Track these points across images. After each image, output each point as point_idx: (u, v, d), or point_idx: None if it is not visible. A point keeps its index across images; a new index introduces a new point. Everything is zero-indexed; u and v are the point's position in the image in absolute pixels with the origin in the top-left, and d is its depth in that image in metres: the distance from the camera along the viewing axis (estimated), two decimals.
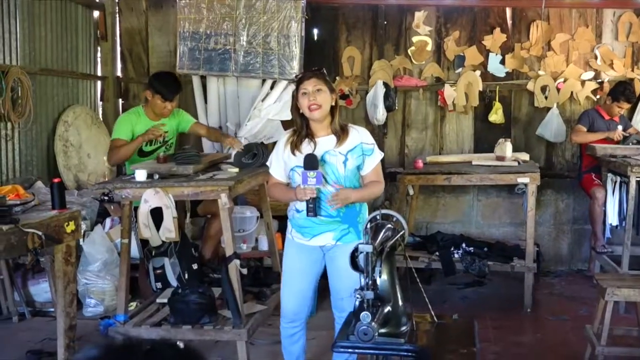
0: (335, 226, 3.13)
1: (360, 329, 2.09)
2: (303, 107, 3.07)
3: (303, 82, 3.08)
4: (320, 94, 3.05)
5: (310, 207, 3.01)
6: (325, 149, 3.08)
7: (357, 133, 3.16)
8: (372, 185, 3.21)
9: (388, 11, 6.34)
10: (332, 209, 3.03)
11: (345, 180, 3.11)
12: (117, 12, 6.49)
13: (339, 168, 3.09)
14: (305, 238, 3.17)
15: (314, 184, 2.97)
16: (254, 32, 5.67)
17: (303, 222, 3.14)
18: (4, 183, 4.98)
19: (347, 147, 3.10)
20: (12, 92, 5.02)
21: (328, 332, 4.47)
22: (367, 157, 3.16)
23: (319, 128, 3.12)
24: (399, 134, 6.46)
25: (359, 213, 3.20)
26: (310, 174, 2.96)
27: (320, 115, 3.05)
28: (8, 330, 4.56)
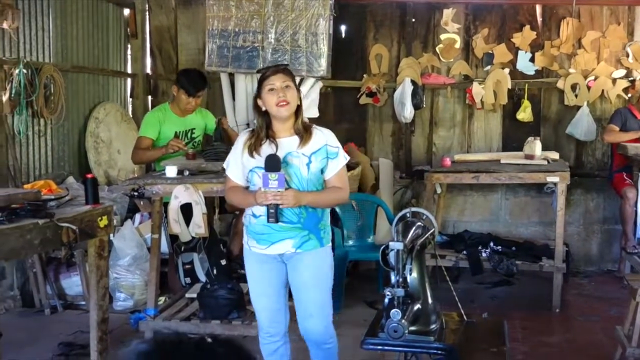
0: (295, 233, 2.90)
1: (390, 326, 2.10)
2: (269, 104, 2.85)
3: (269, 77, 2.86)
4: (289, 90, 2.85)
5: (271, 213, 2.77)
6: (287, 150, 2.88)
7: (321, 134, 2.94)
8: (332, 191, 2.95)
9: (416, 8, 6.32)
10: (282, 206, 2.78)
11: (308, 184, 2.89)
12: (147, 9, 6.56)
13: (302, 170, 2.88)
14: (262, 246, 2.93)
15: (275, 187, 2.73)
16: (282, 30, 5.69)
17: (260, 229, 2.90)
18: (36, 178, 5.08)
19: (311, 149, 2.89)
20: (44, 89, 5.11)
21: (354, 328, 4.48)
22: (330, 160, 2.93)
23: (282, 128, 2.91)
24: (426, 132, 6.44)
25: (321, 219, 2.97)
26: (272, 176, 2.73)
27: (289, 112, 2.86)
28: (41, 322, 4.65)
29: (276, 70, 2.90)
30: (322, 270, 2.98)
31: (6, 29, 4.77)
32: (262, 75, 2.91)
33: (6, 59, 4.83)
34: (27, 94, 4.92)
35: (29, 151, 5.16)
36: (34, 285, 4.84)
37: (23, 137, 5.02)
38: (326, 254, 3.00)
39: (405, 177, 6.37)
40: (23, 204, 2.79)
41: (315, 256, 2.94)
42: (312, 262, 2.93)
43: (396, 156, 6.47)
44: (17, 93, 4.84)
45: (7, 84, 4.79)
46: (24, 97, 4.88)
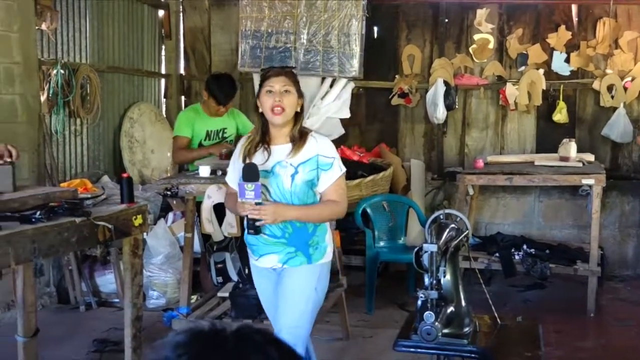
0: (280, 248, 2.72)
1: (423, 329, 2.09)
2: (264, 107, 2.67)
3: (270, 78, 2.67)
4: (287, 96, 2.64)
5: (250, 224, 2.62)
6: (277, 159, 2.69)
7: (314, 143, 2.69)
8: (326, 205, 2.73)
9: (449, 9, 6.27)
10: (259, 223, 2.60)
11: (292, 197, 2.67)
12: (181, 11, 6.63)
13: (285, 182, 2.67)
14: (254, 257, 2.84)
15: (252, 198, 2.56)
16: (314, 30, 5.70)
17: (251, 239, 2.79)
18: (72, 177, 5.17)
19: (299, 159, 2.67)
20: (81, 89, 5.20)
21: (385, 330, 4.48)
22: (323, 172, 2.69)
23: (278, 134, 2.72)
24: (458, 133, 6.39)
25: (312, 235, 2.73)
26: (248, 187, 2.55)
27: (282, 121, 2.65)
28: (76, 318, 4.73)
29: (279, 71, 2.71)
30: (304, 287, 2.73)
31: (45, 30, 4.87)
32: (264, 74, 2.73)
33: (45, 60, 4.92)
34: (65, 94, 5.01)
35: (66, 150, 5.25)
36: (70, 282, 4.93)
37: (60, 137, 5.12)
38: (314, 271, 2.75)
39: (437, 179, 6.34)
40: (61, 202, 2.84)
41: (301, 271, 2.73)
42: (296, 276, 2.74)
43: (428, 157, 6.43)
44: (54, 93, 4.93)
45: (45, 84, 4.88)
46: (61, 97, 4.98)
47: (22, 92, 4.68)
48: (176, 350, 0.83)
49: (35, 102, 4.80)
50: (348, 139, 6.29)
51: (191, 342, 0.84)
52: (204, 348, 0.83)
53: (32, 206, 2.76)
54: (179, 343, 0.84)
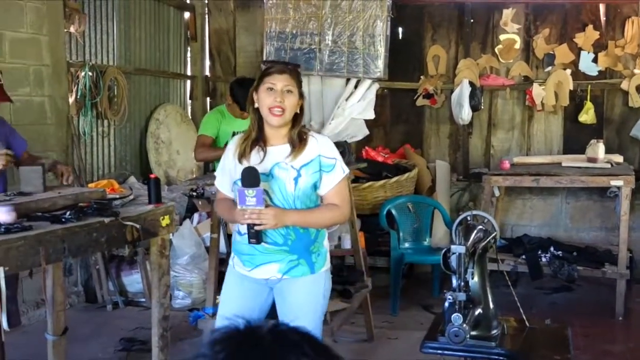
0: (281, 256, 2.52)
1: (451, 331, 2.07)
2: (262, 105, 2.48)
3: (272, 75, 2.49)
4: (289, 96, 2.47)
5: (251, 233, 2.42)
6: (275, 161, 2.50)
7: (315, 143, 2.53)
8: (327, 209, 2.55)
9: (475, 9, 6.23)
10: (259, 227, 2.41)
11: (295, 201, 2.50)
12: (206, 13, 6.68)
13: (288, 186, 2.48)
14: (246, 268, 2.58)
15: (253, 205, 2.36)
16: (339, 32, 5.70)
17: (245, 249, 2.55)
18: (100, 178, 5.23)
19: (301, 161, 2.50)
20: (108, 91, 5.26)
21: (410, 332, 4.46)
22: (325, 174, 2.52)
23: (274, 135, 2.54)
24: (484, 134, 6.35)
25: (314, 242, 2.56)
26: (249, 192, 2.35)
27: (280, 123, 2.48)
28: (103, 317, 4.79)
29: (282, 69, 2.53)
30: (312, 300, 2.57)
31: (73, 32, 4.94)
32: (266, 69, 2.55)
33: (73, 62, 4.99)
34: (92, 96, 5.07)
35: (93, 151, 5.32)
36: (97, 281, 4.99)
37: (88, 138, 5.19)
38: (318, 281, 2.59)
39: (462, 180, 6.30)
40: (90, 202, 2.88)
41: (305, 283, 2.55)
42: (301, 289, 2.54)
43: (453, 158, 6.39)
44: (82, 95, 5.00)
45: (73, 86, 4.95)
46: (89, 99, 5.04)
47: (51, 94, 4.75)
48: (213, 347, 0.84)
49: (64, 104, 4.87)
50: (373, 140, 6.29)
51: (228, 340, 0.85)
52: (240, 345, 0.84)
53: (62, 206, 2.80)
54: (216, 340, 0.85)
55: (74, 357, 3.73)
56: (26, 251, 2.31)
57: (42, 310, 4.61)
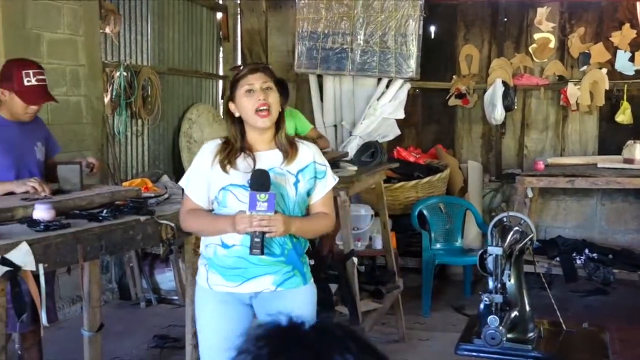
0: (277, 268, 2.35)
1: (487, 333, 2.05)
2: (245, 109, 2.31)
3: (246, 76, 2.32)
4: (270, 93, 2.32)
5: (255, 243, 2.17)
6: (268, 166, 2.33)
7: (308, 150, 2.42)
8: (320, 217, 2.43)
9: (508, 8, 6.17)
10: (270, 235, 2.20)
11: (295, 208, 2.36)
12: (238, 13, 6.71)
13: (290, 191, 2.35)
14: (233, 283, 2.35)
15: (264, 210, 2.16)
16: (371, 31, 5.70)
17: (233, 262, 2.34)
18: (133, 176, 5.29)
19: (297, 166, 2.37)
20: (142, 90, 5.32)
21: (442, 333, 4.43)
22: (318, 180, 2.41)
23: (259, 140, 2.37)
24: (517, 134, 6.27)
25: (303, 250, 2.45)
26: (261, 197, 2.16)
27: (269, 122, 2.33)
28: (137, 315, 4.85)
29: (255, 68, 2.36)
30: (309, 311, 2.43)
31: (109, 33, 5.01)
32: (237, 74, 2.39)
33: (108, 62, 5.06)
34: (127, 95, 5.14)
35: (127, 150, 5.39)
36: (131, 279, 5.05)
37: (122, 137, 5.25)
38: (311, 292, 2.47)
39: (495, 181, 6.24)
40: (126, 201, 2.91)
41: (298, 296, 2.39)
42: (296, 301, 2.37)
43: (485, 159, 6.33)
44: (117, 95, 5.07)
45: (108, 86, 5.02)
46: (123, 98, 5.11)
47: (87, 93, 4.82)
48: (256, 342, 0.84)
49: (99, 104, 4.94)
50: (404, 140, 6.26)
51: (271, 335, 0.85)
52: (284, 341, 0.84)
53: (99, 204, 2.83)
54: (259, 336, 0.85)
55: (108, 353, 3.78)
56: (64, 248, 2.34)
57: (77, 307, 4.68)
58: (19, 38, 4.23)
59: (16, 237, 2.21)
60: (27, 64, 3.03)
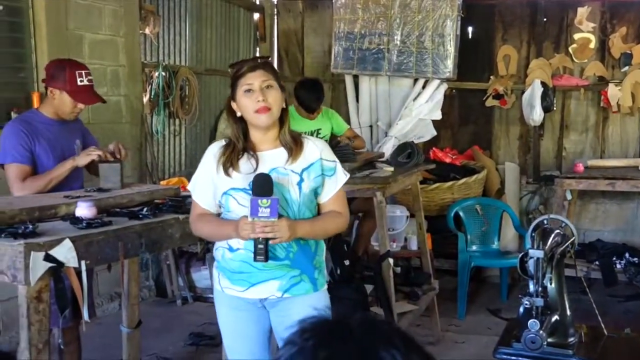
0: (282, 272, 2.26)
1: (527, 337, 2.03)
2: (245, 109, 2.24)
3: (245, 75, 2.24)
4: (270, 92, 2.23)
5: (259, 249, 2.12)
6: (272, 166, 2.25)
7: (314, 146, 2.31)
8: (331, 217, 2.32)
9: (548, 7, 6.08)
10: (274, 241, 2.13)
11: (300, 210, 2.26)
12: (275, 14, 6.74)
13: (293, 192, 2.25)
14: (240, 287, 2.30)
15: (267, 216, 2.09)
16: (408, 31, 5.67)
17: (237, 266, 2.28)
18: (170, 175, 5.35)
19: (301, 164, 2.27)
20: (180, 90, 5.38)
21: (478, 336, 4.39)
22: (327, 178, 2.31)
23: (263, 139, 2.29)
24: (556, 135, 6.18)
25: (315, 254, 2.32)
26: (263, 202, 2.09)
27: (270, 120, 2.24)
28: (173, 312, 4.91)
29: (254, 66, 2.26)
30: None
31: (148, 34, 5.08)
32: (236, 71, 2.29)
33: (147, 63, 5.13)
34: (165, 95, 5.20)
35: (165, 150, 5.45)
36: (167, 277, 5.11)
37: (160, 137, 5.32)
38: (321, 299, 2.34)
39: (533, 183, 6.15)
40: (165, 199, 2.95)
41: (307, 302, 2.27)
42: (304, 309, 2.22)
43: (523, 160, 6.25)
44: (156, 94, 5.13)
45: (147, 86, 5.09)
46: (162, 98, 5.17)
47: (127, 93, 4.90)
48: (302, 335, 0.84)
49: (139, 103, 5.01)
50: (440, 141, 6.22)
51: (317, 328, 0.85)
52: (330, 334, 0.84)
53: (139, 203, 2.87)
54: (305, 329, 0.85)
55: (145, 349, 3.83)
56: (106, 246, 2.38)
57: (116, 303, 4.76)
58: (62, 39, 4.31)
59: (59, 234, 2.25)
60: (78, 64, 3.08)
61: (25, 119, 3.03)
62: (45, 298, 2.17)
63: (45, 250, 2.12)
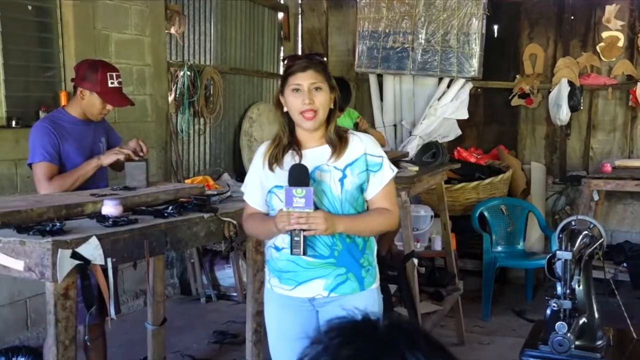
0: (327, 271, 2.23)
1: (555, 340, 2.00)
2: (291, 108, 2.21)
3: (295, 74, 2.19)
4: (318, 94, 2.18)
5: (296, 242, 2.09)
6: (315, 164, 2.22)
7: (359, 141, 2.26)
8: (377, 213, 2.25)
9: (575, 5, 6.00)
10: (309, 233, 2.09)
11: (343, 206, 2.22)
12: (299, 13, 6.75)
13: (334, 188, 2.21)
14: (287, 286, 2.30)
15: (301, 207, 2.06)
16: (432, 30, 5.63)
17: (284, 265, 2.27)
18: (195, 174, 5.38)
19: (345, 161, 2.23)
20: (205, 90, 5.40)
21: (502, 337, 4.35)
22: (372, 174, 2.25)
23: (309, 137, 2.26)
24: (583, 135, 6.10)
25: (363, 252, 2.27)
26: (297, 192, 2.06)
27: (315, 125, 2.21)
28: (197, 310, 4.93)
29: (305, 65, 2.20)
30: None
31: (173, 34, 5.11)
32: (287, 68, 2.25)
33: (172, 62, 5.16)
34: (190, 94, 5.23)
35: (190, 148, 5.48)
36: (192, 275, 5.14)
37: (185, 135, 5.35)
38: (370, 298, 2.30)
39: (559, 183, 6.08)
40: (190, 198, 2.96)
41: (355, 302, 2.22)
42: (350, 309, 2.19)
43: (549, 160, 6.18)
44: (181, 94, 5.16)
45: (172, 85, 5.12)
46: (187, 97, 5.20)
47: (152, 92, 4.93)
48: (329, 333, 0.85)
49: (164, 103, 5.05)
50: (465, 141, 6.17)
51: (343, 327, 0.86)
52: (355, 333, 0.85)
53: (164, 201, 2.89)
54: (332, 328, 0.86)
55: (169, 346, 3.85)
56: (132, 243, 2.39)
57: (140, 300, 4.80)
58: (89, 39, 4.36)
59: (86, 231, 2.27)
60: (109, 66, 3.10)
61: (53, 118, 3.06)
62: (72, 295, 2.18)
63: (72, 248, 2.14)
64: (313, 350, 0.85)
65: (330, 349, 0.84)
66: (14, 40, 3.99)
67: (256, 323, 3.21)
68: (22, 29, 4.08)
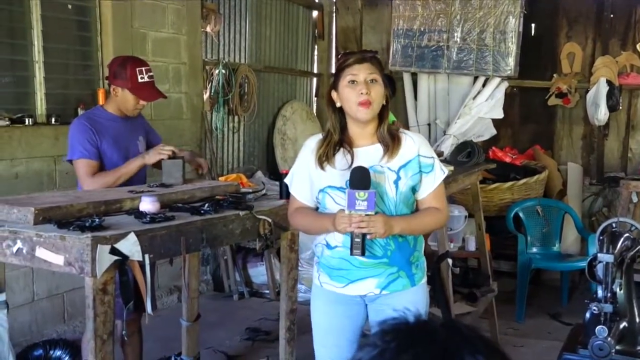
0: (380, 270, 2.25)
1: (595, 344, 1.96)
2: (346, 101, 2.20)
3: (352, 66, 2.20)
4: (374, 86, 2.18)
5: (356, 243, 2.10)
6: (368, 164, 2.20)
7: (412, 142, 2.25)
8: (429, 214, 2.28)
9: (615, 3, 5.89)
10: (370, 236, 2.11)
11: (397, 207, 2.23)
12: (334, 11, 6.74)
13: (389, 190, 2.21)
14: (338, 284, 2.31)
15: (364, 210, 2.06)
16: (468, 28, 5.58)
17: (336, 263, 2.29)
18: (229, 172, 5.42)
19: (399, 162, 2.22)
20: (239, 88, 5.44)
21: (537, 340, 4.30)
22: (425, 175, 2.26)
23: (361, 134, 2.26)
24: (621, 136, 5.98)
25: (413, 251, 2.30)
26: (360, 195, 2.06)
27: (370, 115, 2.20)
28: (230, 307, 4.96)
29: (362, 58, 2.22)
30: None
31: (209, 32, 5.15)
32: (342, 61, 2.25)
33: (208, 60, 5.20)
34: (225, 92, 5.26)
35: (224, 146, 5.52)
36: (225, 272, 5.18)
37: (219, 133, 5.39)
38: (419, 293, 2.33)
39: (596, 184, 5.97)
40: (225, 195, 2.98)
41: (406, 297, 2.27)
42: (401, 305, 2.20)
43: (586, 161, 6.08)
44: (215, 92, 5.20)
45: (207, 83, 5.16)
46: (221, 95, 5.24)
47: (188, 90, 4.98)
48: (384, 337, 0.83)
49: (199, 100, 5.09)
50: (500, 140, 6.10)
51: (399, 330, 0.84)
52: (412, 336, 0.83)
53: (200, 198, 2.91)
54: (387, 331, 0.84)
55: (202, 342, 3.88)
56: (169, 240, 2.42)
57: (174, 296, 4.85)
58: (127, 37, 4.42)
59: (124, 228, 2.30)
60: (138, 61, 3.14)
61: (90, 115, 3.11)
62: (111, 290, 2.21)
63: (111, 244, 2.17)
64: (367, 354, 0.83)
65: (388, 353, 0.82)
66: (54, 39, 4.06)
67: (290, 321, 3.22)
68: (61, 28, 4.15)
